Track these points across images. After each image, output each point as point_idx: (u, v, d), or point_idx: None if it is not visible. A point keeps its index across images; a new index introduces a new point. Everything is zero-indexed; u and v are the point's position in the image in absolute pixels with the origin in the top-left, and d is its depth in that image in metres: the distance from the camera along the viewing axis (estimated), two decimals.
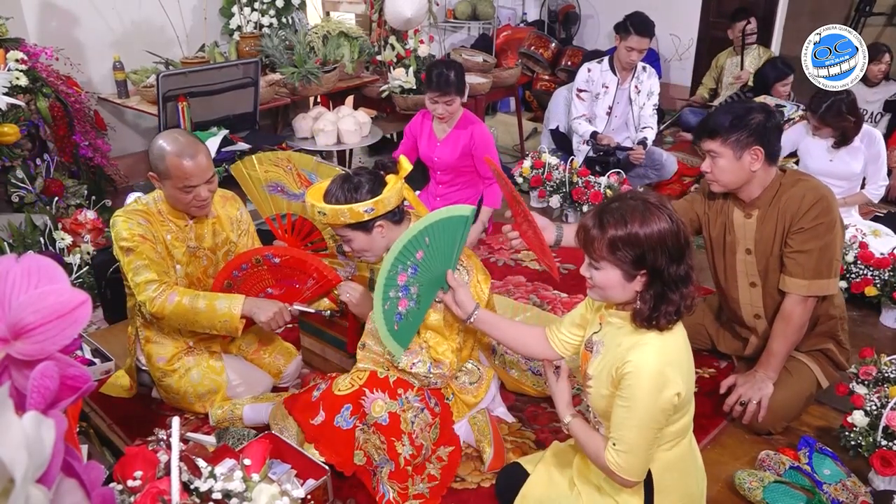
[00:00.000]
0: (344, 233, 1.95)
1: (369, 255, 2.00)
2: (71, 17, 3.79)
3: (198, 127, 3.40)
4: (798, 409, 2.24)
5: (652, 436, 1.47)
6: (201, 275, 2.24)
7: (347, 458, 1.92)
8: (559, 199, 3.75)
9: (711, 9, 5.61)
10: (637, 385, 1.44)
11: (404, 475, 1.89)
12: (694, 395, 1.57)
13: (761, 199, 2.14)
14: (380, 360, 1.99)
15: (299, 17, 4.49)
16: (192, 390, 2.22)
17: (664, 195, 1.49)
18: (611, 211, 1.47)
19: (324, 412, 1.93)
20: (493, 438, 2.07)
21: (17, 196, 3.03)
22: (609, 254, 1.45)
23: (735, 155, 2.04)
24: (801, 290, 2.09)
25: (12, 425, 0.56)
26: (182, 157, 1.98)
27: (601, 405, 1.57)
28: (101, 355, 2.50)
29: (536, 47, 5.61)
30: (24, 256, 0.70)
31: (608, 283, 1.49)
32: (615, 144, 4.02)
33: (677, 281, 1.46)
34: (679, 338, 1.52)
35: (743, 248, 2.21)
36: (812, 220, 2.04)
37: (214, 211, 2.22)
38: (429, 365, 1.93)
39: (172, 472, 1.24)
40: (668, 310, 1.46)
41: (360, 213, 1.88)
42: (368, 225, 1.92)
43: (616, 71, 4.06)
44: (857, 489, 1.93)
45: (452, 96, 3.11)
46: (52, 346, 0.66)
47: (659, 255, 1.43)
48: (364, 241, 1.95)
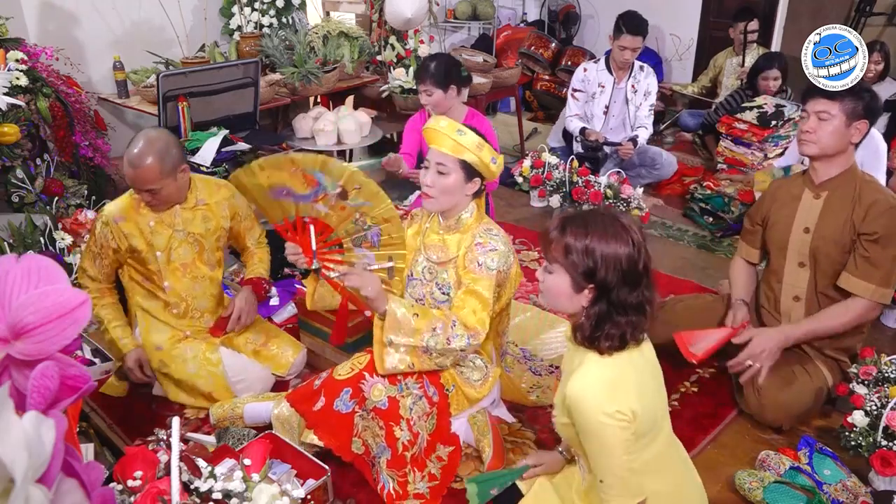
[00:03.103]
0: (449, 164, 1.91)
1: (435, 201, 1.96)
2: (71, 17, 3.78)
3: (198, 127, 3.40)
4: (809, 410, 2.24)
5: (621, 455, 1.43)
6: (195, 261, 2.30)
7: (346, 442, 1.92)
8: (559, 198, 3.75)
9: (711, 9, 5.61)
10: (581, 415, 1.41)
11: (402, 462, 1.88)
12: (669, 413, 1.53)
13: (835, 181, 2.17)
14: (405, 357, 1.90)
15: (299, 17, 4.49)
16: (190, 381, 2.25)
17: (634, 221, 1.47)
18: (576, 218, 1.47)
19: (324, 397, 1.95)
20: (493, 438, 2.07)
21: (17, 196, 3.03)
22: (562, 257, 1.44)
23: (846, 122, 2.09)
24: (866, 293, 2.11)
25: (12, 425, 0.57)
26: (127, 164, 2.10)
27: (566, 433, 1.55)
28: (101, 355, 2.50)
29: (537, 47, 5.61)
30: (24, 256, 0.70)
31: (557, 289, 1.48)
32: (602, 140, 4.05)
33: (626, 307, 1.44)
34: (629, 354, 1.47)
35: (802, 227, 2.22)
36: (887, 227, 2.07)
37: (204, 199, 2.29)
38: (467, 338, 1.88)
39: (172, 472, 1.24)
40: (611, 332, 1.44)
41: (489, 157, 1.91)
42: (472, 175, 1.94)
43: (612, 70, 4.07)
44: (857, 489, 1.93)
45: (428, 86, 3.11)
46: (52, 346, 0.66)
47: (611, 274, 1.41)
48: (455, 183, 1.93)
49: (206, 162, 3.16)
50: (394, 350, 1.89)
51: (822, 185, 2.20)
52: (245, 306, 2.33)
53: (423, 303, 2.06)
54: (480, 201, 2.07)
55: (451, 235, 2.02)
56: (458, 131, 1.90)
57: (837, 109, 2.08)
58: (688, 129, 5.06)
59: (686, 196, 4.02)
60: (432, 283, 2.04)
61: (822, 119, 2.10)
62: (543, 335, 2.75)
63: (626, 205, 3.55)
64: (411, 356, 1.90)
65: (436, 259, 2.03)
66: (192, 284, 2.31)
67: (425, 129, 1.98)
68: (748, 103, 4.05)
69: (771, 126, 3.85)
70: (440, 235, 2.04)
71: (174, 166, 2.14)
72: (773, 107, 3.91)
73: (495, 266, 1.93)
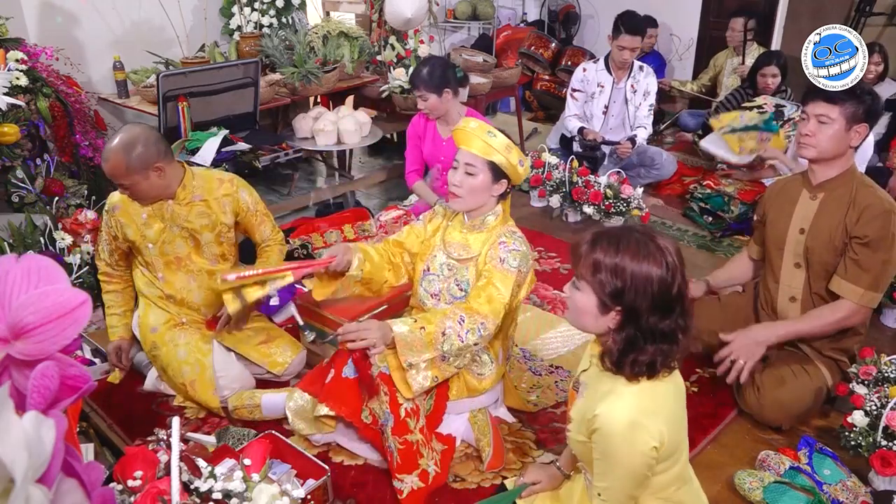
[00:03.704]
0: (477, 164, 1.94)
1: (462, 201, 1.99)
2: (71, 17, 3.78)
3: (198, 127, 3.40)
4: (808, 410, 2.24)
5: (635, 485, 1.40)
6: (191, 254, 2.31)
7: (356, 408, 1.94)
8: (559, 198, 3.75)
9: (711, 9, 5.61)
10: (607, 441, 1.36)
11: (405, 428, 1.89)
12: (687, 436, 1.49)
13: (832, 183, 2.17)
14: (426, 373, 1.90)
15: (299, 17, 4.49)
16: (178, 364, 2.25)
17: (674, 243, 1.42)
18: (608, 234, 1.39)
19: (333, 369, 1.97)
20: (493, 438, 2.07)
21: (17, 196, 3.03)
22: (589, 274, 1.37)
23: (846, 126, 2.08)
24: (854, 296, 2.11)
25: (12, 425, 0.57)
26: (103, 156, 2.12)
27: (579, 449, 1.51)
28: (101, 355, 2.51)
29: (536, 47, 5.61)
30: (24, 256, 0.70)
31: (582, 308, 1.41)
32: (601, 139, 4.06)
33: (655, 333, 1.35)
34: (664, 384, 1.41)
35: (798, 227, 2.23)
36: (878, 231, 2.07)
37: (202, 195, 2.28)
38: (478, 329, 1.88)
39: (172, 472, 1.24)
40: (640, 359, 1.36)
41: (517, 159, 1.93)
42: (499, 177, 1.96)
43: (611, 70, 4.08)
44: (857, 489, 1.93)
45: (422, 91, 3.11)
46: (52, 346, 0.66)
47: (640, 298, 1.33)
48: (483, 183, 1.96)
49: (206, 162, 3.16)
50: (415, 371, 1.89)
51: (819, 186, 2.19)
52: (236, 312, 2.31)
53: (439, 298, 2.08)
54: (506, 204, 2.09)
55: (474, 235, 2.04)
56: (488, 132, 1.93)
57: (838, 113, 2.08)
58: (688, 129, 5.06)
59: (686, 196, 4.02)
60: (451, 279, 2.06)
61: (822, 122, 2.10)
62: (543, 335, 2.75)
63: (626, 205, 3.55)
64: (433, 370, 1.90)
65: (457, 256, 2.05)
66: (187, 277, 2.32)
67: (455, 131, 2.01)
68: (748, 103, 4.05)
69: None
70: (463, 234, 2.06)
71: (144, 164, 2.11)
72: (773, 107, 3.91)
73: (516, 265, 1.94)
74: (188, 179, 2.27)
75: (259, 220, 2.42)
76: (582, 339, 2.70)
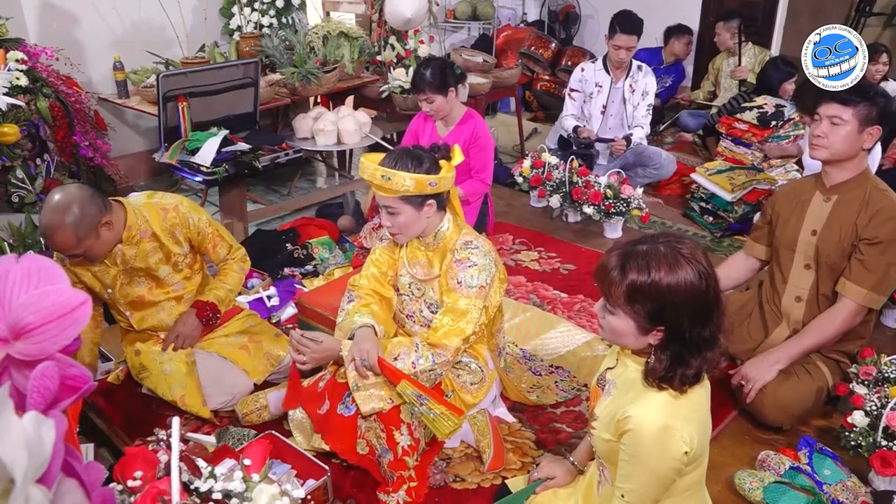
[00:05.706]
0: (394, 205, 1.91)
1: (403, 236, 1.99)
2: (71, 17, 3.79)
3: (198, 127, 3.40)
4: (809, 410, 2.24)
5: (661, 491, 1.39)
6: (152, 290, 2.25)
7: (350, 445, 1.93)
8: (559, 198, 3.74)
9: (711, 9, 5.61)
10: (639, 443, 1.34)
11: (403, 465, 1.89)
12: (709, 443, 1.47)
13: (846, 185, 2.17)
14: (378, 392, 1.90)
15: (299, 17, 4.49)
16: (166, 382, 2.23)
17: (697, 246, 1.40)
18: (636, 254, 1.33)
19: (328, 401, 1.96)
20: (493, 438, 2.07)
21: (17, 196, 3.03)
22: (624, 303, 1.33)
23: (859, 127, 2.07)
24: (857, 297, 2.12)
25: (12, 425, 0.56)
26: (42, 233, 1.98)
27: (602, 448, 1.48)
28: (101, 355, 2.50)
29: (536, 47, 5.61)
30: (24, 256, 0.70)
31: (621, 331, 1.38)
32: (595, 137, 4.07)
33: (699, 343, 1.32)
34: (697, 387, 1.38)
35: (810, 229, 2.23)
36: (889, 234, 2.07)
37: (149, 229, 2.15)
38: (431, 356, 1.88)
39: (172, 472, 1.24)
40: (686, 373, 1.33)
41: (424, 184, 1.87)
42: (422, 201, 1.91)
43: (609, 70, 4.08)
44: (857, 489, 1.93)
45: (428, 94, 3.12)
46: (52, 346, 0.66)
47: (681, 314, 1.30)
48: (411, 216, 1.92)
49: (206, 162, 3.16)
50: (363, 391, 1.89)
51: (832, 188, 2.19)
52: (184, 330, 2.26)
53: (414, 319, 2.09)
54: (455, 205, 2.05)
55: (432, 251, 2.03)
56: (382, 177, 1.86)
57: (850, 115, 2.07)
58: (688, 130, 5.07)
59: (686, 196, 4.02)
60: (421, 300, 2.06)
61: (835, 124, 2.09)
62: (543, 335, 2.75)
63: (626, 205, 3.55)
64: (385, 390, 1.89)
65: (421, 276, 2.05)
66: (155, 310, 2.28)
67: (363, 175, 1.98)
68: (748, 103, 4.06)
69: (771, 126, 3.86)
70: (423, 251, 2.05)
71: (92, 226, 1.96)
72: (773, 107, 3.91)
73: (476, 283, 1.93)
74: (131, 218, 2.12)
75: (212, 242, 2.30)
76: (582, 338, 2.70)
